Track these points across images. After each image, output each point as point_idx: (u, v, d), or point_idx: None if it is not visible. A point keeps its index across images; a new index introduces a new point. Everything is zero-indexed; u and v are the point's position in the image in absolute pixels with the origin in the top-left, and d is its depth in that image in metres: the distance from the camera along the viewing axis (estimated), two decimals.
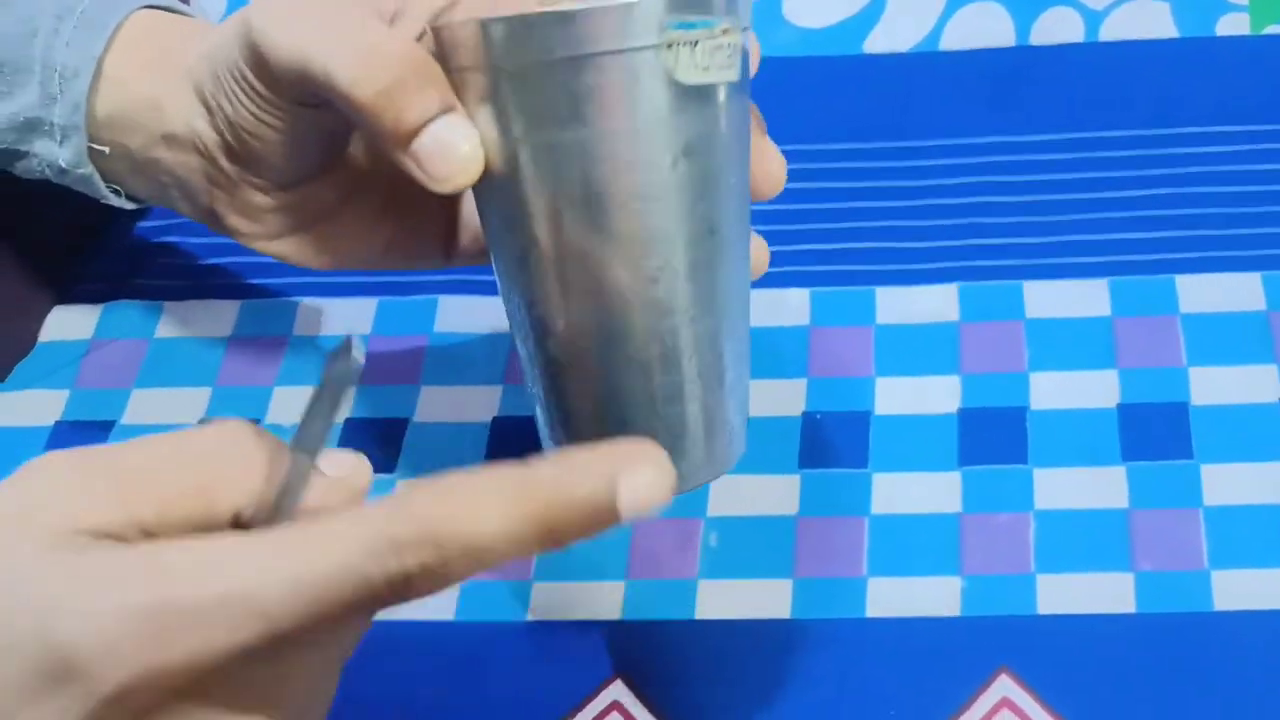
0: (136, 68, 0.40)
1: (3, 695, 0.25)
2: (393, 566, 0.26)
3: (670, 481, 0.28)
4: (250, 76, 0.36)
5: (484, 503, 0.26)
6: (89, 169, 0.42)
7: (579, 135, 0.33)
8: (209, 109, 0.38)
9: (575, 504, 0.27)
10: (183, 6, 0.43)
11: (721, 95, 0.34)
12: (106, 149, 0.41)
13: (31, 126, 0.42)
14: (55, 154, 0.42)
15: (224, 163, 0.39)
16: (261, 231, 0.40)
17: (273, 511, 0.29)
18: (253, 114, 0.37)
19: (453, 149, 0.33)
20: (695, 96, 0.33)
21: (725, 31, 0.33)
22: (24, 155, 0.43)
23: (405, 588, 0.26)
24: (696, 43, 0.32)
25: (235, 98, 0.37)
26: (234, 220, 0.40)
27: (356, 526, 0.26)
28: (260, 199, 0.39)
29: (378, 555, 0.26)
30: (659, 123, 0.33)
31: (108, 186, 0.43)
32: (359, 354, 0.30)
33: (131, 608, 0.25)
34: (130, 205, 0.44)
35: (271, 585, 0.25)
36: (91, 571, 0.25)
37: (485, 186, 0.35)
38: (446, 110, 0.33)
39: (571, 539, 0.27)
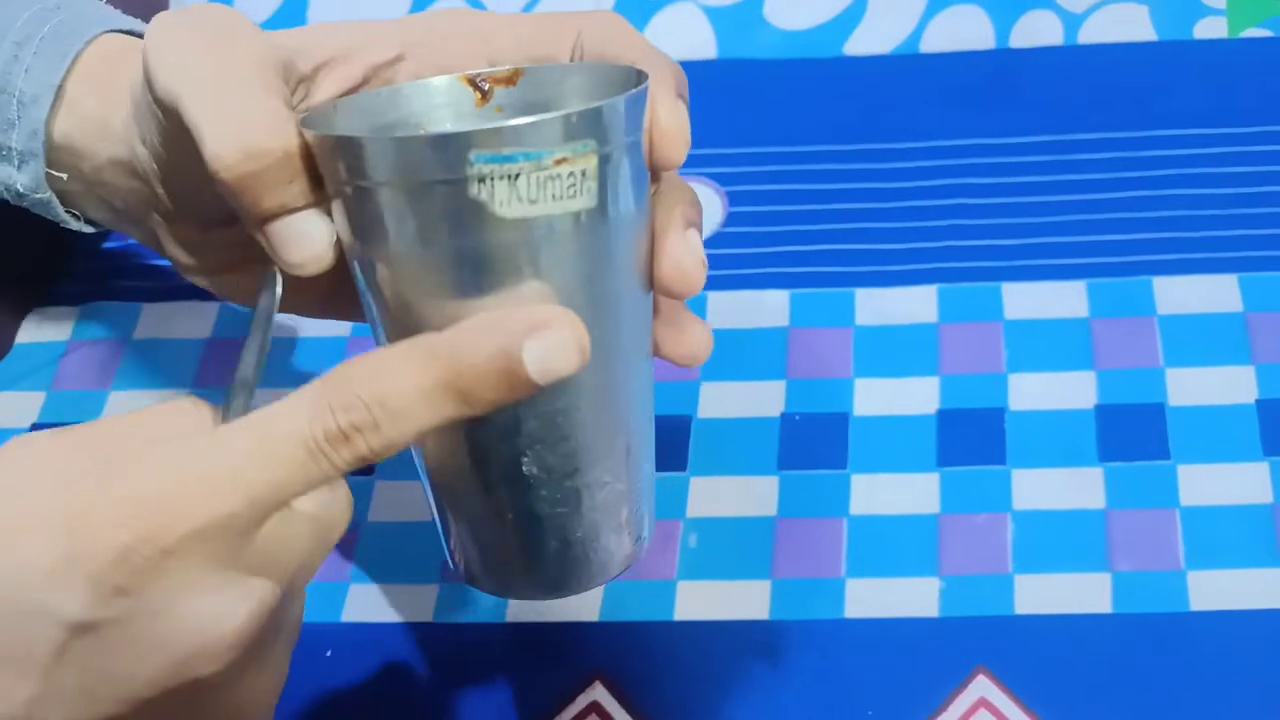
0: (91, 92, 0.40)
1: (23, 571, 0.29)
2: (331, 425, 0.29)
3: (582, 344, 0.29)
4: (148, 94, 0.36)
5: (399, 368, 0.29)
6: (47, 194, 0.42)
7: (404, 253, 0.32)
8: (141, 130, 0.38)
9: (481, 366, 0.29)
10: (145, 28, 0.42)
11: (564, 225, 0.31)
12: (64, 175, 0.41)
13: None
14: (14, 178, 0.42)
15: (159, 189, 0.38)
16: (198, 265, 0.40)
17: None
18: (157, 135, 0.36)
19: (303, 242, 0.34)
20: (524, 228, 0.31)
21: (560, 161, 0.30)
22: None
23: (348, 447, 0.29)
24: (518, 175, 0.30)
25: (145, 118, 0.37)
26: (173, 250, 0.40)
27: (299, 399, 0.30)
28: (194, 232, 0.39)
29: (319, 416, 0.29)
30: (478, 253, 0.31)
31: (66, 211, 0.43)
32: (279, 286, 0.33)
33: (132, 487, 0.29)
34: (89, 229, 0.44)
35: (241, 459, 0.29)
36: (92, 474, 0.29)
37: (351, 278, 0.34)
38: (306, 206, 0.34)
39: (487, 400, 0.29)
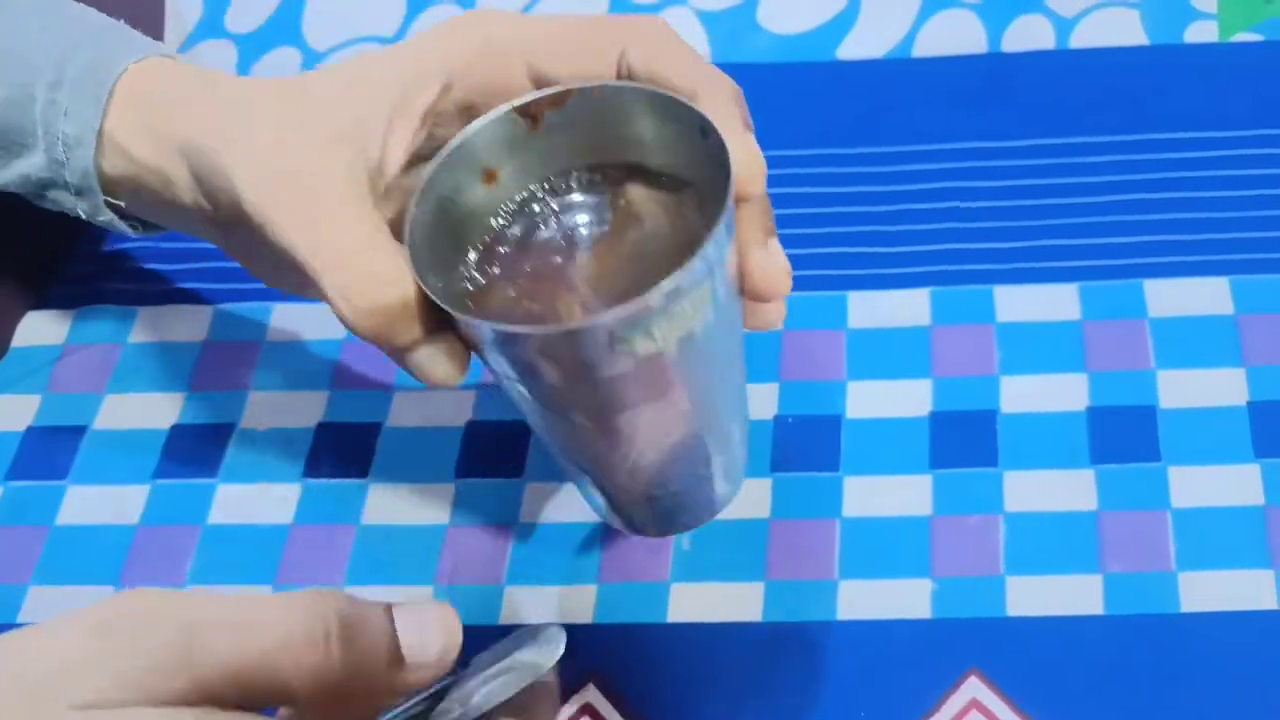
0: (136, 136, 0.40)
1: None
2: None
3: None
4: (226, 193, 0.37)
5: None
6: (108, 215, 0.42)
7: (543, 385, 0.34)
8: (209, 201, 0.38)
9: None
10: (165, 49, 0.42)
11: (690, 337, 0.34)
12: (123, 202, 0.42)
13: (45, 184, 0.42)
14: (73, 204, 0.42)
15: (226, 241, 0.39)
16: (281, 283, 0.41)
17: None
18: (233, 221, 0.37)
19: (442, 367, 0.36)
20: (657, 355, 0.33)
21: (682, 302, 0.33)
22: (44, 199, 0.43)
23: None
24: (651, 326, 0.33)
25: (218, 200, 0.37)
26: (255, 272, 0.41)
27: None
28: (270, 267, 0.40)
29: None
30: (615, 380, 0.33)
31: (129, 224, 0.43)
32: (558, 647, 0.33)
33: None
34: (156, 232, 0.44)
35: None
36: None
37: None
38: (430, 337, 0.35)
39: None
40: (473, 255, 0.37)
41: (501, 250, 0.37)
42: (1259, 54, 0.55)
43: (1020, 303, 0.49)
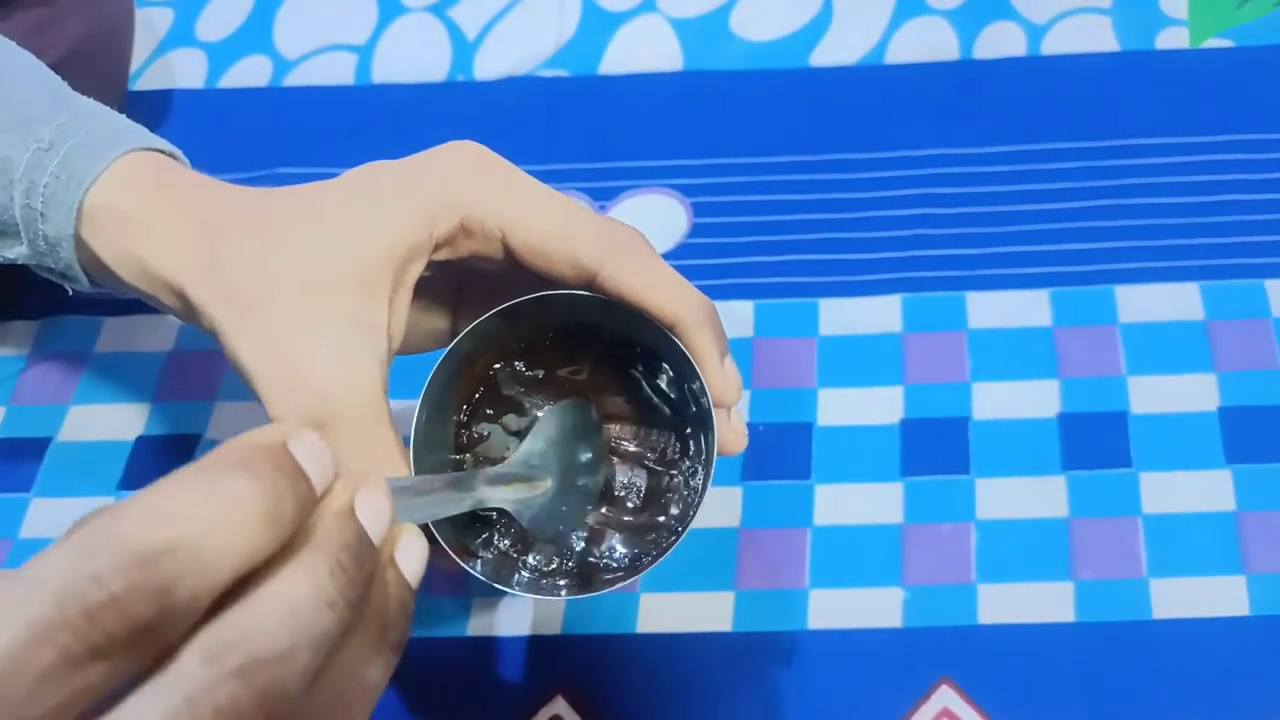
0: (111, 252, 0.40)
1: None
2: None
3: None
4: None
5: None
6: (99, 291, 0.43)
7: None
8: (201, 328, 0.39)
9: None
10: (136, 139, 0.41)
11: None
12: (110, 291, 0.42)
13: (34, 266, 0.42)
14: (62, 281, 0.42)
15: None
16: None
17: None
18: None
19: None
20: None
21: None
22: (36, 270, 0.43)
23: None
24: None
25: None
26: None
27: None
28: None
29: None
30: None
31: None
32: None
33: None
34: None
35: None
36: None
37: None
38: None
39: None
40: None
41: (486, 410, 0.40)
42: (1230, 60, 0.55)
43: (991, 309, 0.49)
